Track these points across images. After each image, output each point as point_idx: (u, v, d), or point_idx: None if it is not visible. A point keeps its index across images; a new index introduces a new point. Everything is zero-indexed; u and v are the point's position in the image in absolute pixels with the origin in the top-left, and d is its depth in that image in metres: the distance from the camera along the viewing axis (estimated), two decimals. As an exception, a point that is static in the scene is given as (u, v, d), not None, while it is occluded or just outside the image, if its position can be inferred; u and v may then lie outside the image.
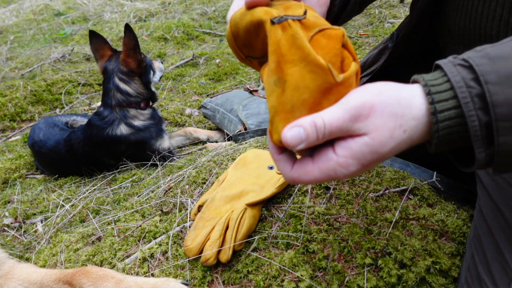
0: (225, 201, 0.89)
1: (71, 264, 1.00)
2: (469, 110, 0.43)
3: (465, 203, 0.93)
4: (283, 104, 0.47)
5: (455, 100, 0.44)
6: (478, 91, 0.43)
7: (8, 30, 4.28)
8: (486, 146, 0.44)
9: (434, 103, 0.44)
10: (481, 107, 0.43)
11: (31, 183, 1.84)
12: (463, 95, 0.43)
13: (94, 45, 1.73)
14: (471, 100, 0.43)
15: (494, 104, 0.42)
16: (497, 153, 0.44)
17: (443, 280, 0.75)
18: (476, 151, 0.44)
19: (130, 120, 1.68)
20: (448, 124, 0.45)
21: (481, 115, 0.43)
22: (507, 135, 0.42)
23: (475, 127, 0.43)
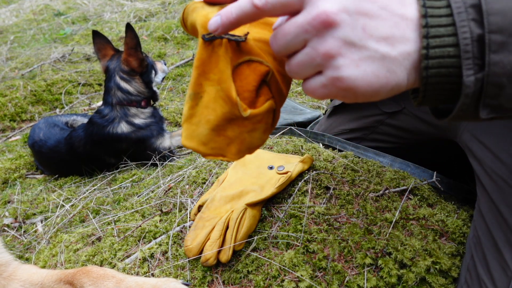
0: (225, 201, 0.89)
1: (71, 264, 1.00)
2: (461, 20, 0.39)
3: (465, 203, 0.93)
4: (191, 116, 0.48)
5: (448, 8, 0.40)
6: (473, 1, 0.39)
7: (8, 30, 4.28)
8: (477, 69, 0.39)
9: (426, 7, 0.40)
10: (474, 18, 0.39)
11: (31, 183, 1.84)
12: (457, 5, 0.39)
13: (97, 45, 1.74)
14: (465, 10, 0.39)
15: (489, 12, 0.38)
16: (487, 76, 0.39)
17: (443, 280, 0.75)
18: (464, 74, 0.39)
19: (130, 118, 1.69)
20: (439, 31, 0.40)
21: (474, 27, 0.39)
22: (499, 52, 0.38)
23: (466, 40, 0.39)
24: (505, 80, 0.39)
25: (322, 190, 0.94)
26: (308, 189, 0.94)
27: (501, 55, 0.38)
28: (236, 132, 0.48)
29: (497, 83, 0.39)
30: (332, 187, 0.93)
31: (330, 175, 0.97)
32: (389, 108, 1.06)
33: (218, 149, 0.49)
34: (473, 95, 0.40)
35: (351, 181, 0.95)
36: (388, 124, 1.08)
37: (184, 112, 0.48)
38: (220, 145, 0.48)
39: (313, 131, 1.21)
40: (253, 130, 0.48)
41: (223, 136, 0.48)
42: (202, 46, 0.46)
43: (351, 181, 0.95)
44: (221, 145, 0.48)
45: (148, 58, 1.80)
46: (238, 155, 0.50)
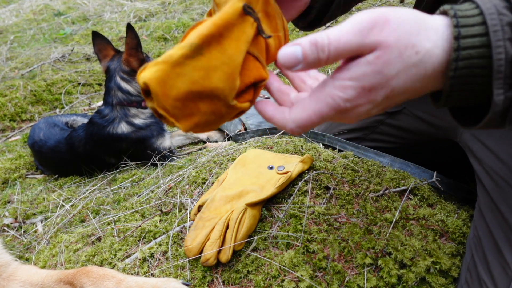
0: (225, 201, 0.89)
1: (71, 264, 1.00)
2: (497, 40, 0.38)
3: (465, 203, 0.93)
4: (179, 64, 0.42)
5: (483, 26, 0.39)
6: (510, 19, 0.38)
7: (8, 30, 4.28)
8: (507, 88, 0.39)
9: (458, 27, 0.39)
10: (511, 38, 0.38)
11: (31, 183, 1.84)
12: (493, 22, 0.38)
13: (97, 46, 1.75)
14: (501, 28, 0.38)
15: None
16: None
17: (443, 280, 0.75)
18: (495, 92, 0.39)
19: (131, 119, 1.69)
20: (470, 53, 0.39)
21: (510, 48, 0.38)
22: None
23: (500, 61, 0.38)
24: None
25: (322, 190, 0.94)
26: (308, 189, 0.94)
27: None
28: (208, 110, 0.44)
29: None
30: (332, 187, 0.93)
31: (330, 175, 0.97)
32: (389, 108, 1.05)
33: (178, 109, 0.43)
34: (502, 112, 0.40)
35: (351, 181, 0.95)
36: (388, 124, 1.08)
37: (171, 53, 0.41)
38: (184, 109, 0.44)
39: (313, 131, 1.21)
40: (221, 118, 0.46)
41: (194, 104, 0.43)
42: (235, 12, 0.42)
43: (351, 181, 0.95)
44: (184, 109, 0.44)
45: (150, 58, 1.80)
46: (190, 127, 0.46)
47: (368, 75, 0.40)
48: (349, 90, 0.41)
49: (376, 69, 0.40)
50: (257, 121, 1.64)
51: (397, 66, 0.40)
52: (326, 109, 0.42)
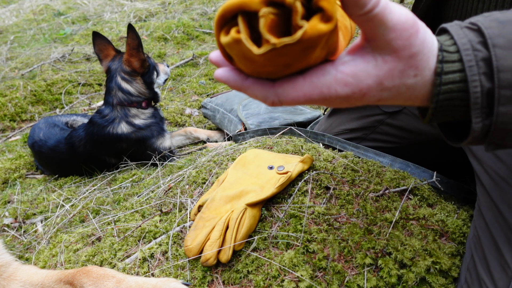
0: (225, 201, 0.89)
1: (71, 264, 1.00)
2: (472, 75, 0.40)
3: (465, 203, 0.93)
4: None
5: (460, 63, 0.41)
6: (484, 55, 0.40)
7: (8, 30, 4.28)
8: (485, 117, 0.42)
9: (442, 62, 0.42)
10: (485, 72, 0.40)
11: (31, 183, 1.84)
12: (468, 58, 0.41)
13: (98, 46, 1.75)
14: (476, 64, 0.40)
15: (499, 69, 0.40)
16: (494, 124, 0.41)
17: (443, 280, 0.75)
18: (474, 120, 0.42)
19: (131, 119, 1.69)
20: (451, 88, 0.42)
21: (484, 81, 0.40)
22: (507, 105, 0.40)
23: (476, 94, 0.41)
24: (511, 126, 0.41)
25: (322, 190, 0.94)
26: (308, 189, 0.94)
27: (509, 107, 0.40)
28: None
29: (503, 129, 0.42)
30: (332, 187, 0.93)
31: (330, 175, 0.97)
32: (389, 108, 1.06)
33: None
34: (480, 137, 0.43)
35: (351, 181, 0.95)
36: (388, 124, 1.08)
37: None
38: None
39: (313, 131, 1.21)
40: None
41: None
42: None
43: (351, 181, 0.95)
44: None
45: (150, 59, 1.81)
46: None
47: (369, 78, 0.41)
48: (346, 87, 0.41)
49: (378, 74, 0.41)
50: (257, 121, 1.64)
51: (395, 81, 0.42)
52: (316, 96, 0.42)
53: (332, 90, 0.41)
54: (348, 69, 0.41)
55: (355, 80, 0.41)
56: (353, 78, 0.41)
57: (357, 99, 0.43)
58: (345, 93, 0.41)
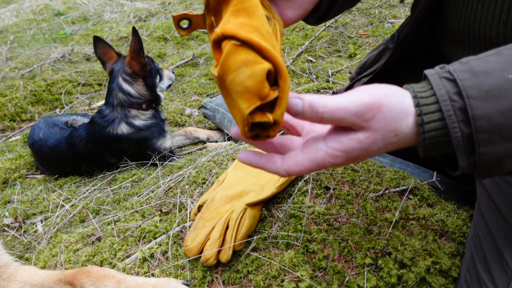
0: (225, 201, 0.89)
1: (71, 265, 1.00)
2: (452, 122, 0.46)
3: (465, 203, 0.93)
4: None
5: (440, 113, 0.46)
6: (460, 105, 0.45)
7: (8, 30, 4.28)
8: (468, 155, 0.47)
9: (422, 115, 0.47)
10: (463, 120, 0.46)
11: (31, 183, 1.84)
12: (446, 108, 0.46)
13: (100, 50, 1.79)
14: (454, 113, 0.46)
15: (475, 118, 0.45)
16: (478, 161, 0.47)
17: (443, 280, 0.75)
18: (459, 159, 0.47)
19: (131, 120, 1.70)
20: (434, 134, 0.47)
21: (463, 127, 0.46)
22: (486, 146, 0.45)
23: (457, 138, 0.46)
24: (493, 163, 0.47)
25: (322, 190, 0.94)
26: (308, 189, 0.94)
27: (488, 147, 0.46)
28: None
29: (486, 165, 0.47)
30: (332, 187, 0.93)
31: (330, 175, 0.97)
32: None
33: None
34: (468, 170, 0.49)
35: (351, 181, 0.95)
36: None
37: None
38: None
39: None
40: None
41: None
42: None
43: (351, 181, 0.95)
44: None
45: (154, 63, 1.83)
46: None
47: (356, 150, 0.49)
48: (339, 159, 0.49)
49: (364, 147, 0.48)
50: (257, 121, 1.64)
51: (380, 144, 0.49)
52: (315, 167, 0.51)
53: (327, 162, 0.50)
54: (337, 146, 0.49)
55: (345, 154, 0.49)
56: (343, 152, 0.49)
57: (352, 161, 0.50)
58: (339, 162, 0.50)
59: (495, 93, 0.45)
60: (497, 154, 0.46)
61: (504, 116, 0.44)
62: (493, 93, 0.45)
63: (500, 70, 0.45)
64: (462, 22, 0.76)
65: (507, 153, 0.46)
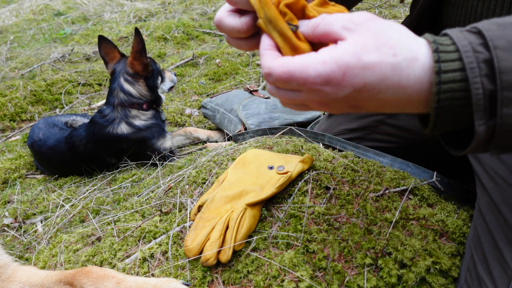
0: (225, 201, 0.89)
1: (71, 265, 1.00)
2: (474, 76, 0.40)
3: (465, 203, 0.93)
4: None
5: (461, 62, 0.41)
6: (485, 57, 0.40)
7: (8, 30, 4.28)
8: (488, 118, 0.41)
9: (439, 62, 0.42)
10: (487, 74, 0.40)
11: (31, 183, 1.84)
12: (469, 59, 0.41)
13: (104, 49, 1.79)
14: (477, 65, 0.40)
15: (502, 71, 0.39)
16: (498, 126, 0.41)
17: (443, 280, 0.75)
18: (476, 123, 0.42)
19: (131, 120, 1.71)
20: (451, 87, 0.42)
21: (486, 83, 0.40)
22: (510, 106, 0.40)
23: (478, 95, 0.40)
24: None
25: (322, 190, 0.94)
26: (308, 189, 0.94)
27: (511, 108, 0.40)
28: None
29: (507, 131, 0.41)
30: (332, 187, 0.93)
31: (330, 175, 0.97)
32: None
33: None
34: (484, 140, 0.43)
35: (351, 181, 0.95)
36: (388, 123, 1.08)
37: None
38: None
39: (313, 131, 1.21)
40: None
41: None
42: None
43: (351, 181, 0.95)
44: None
45: (156, 64, 1.84)
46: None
47: (346, 56, 0.43)
48: (326, 65, 0.44)
49: (354, 52, 0.43)
50: (257, 121, 1.64)
51: (373, 57, 0.42)
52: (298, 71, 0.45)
53: (312, 68, 0.44)
54: (327, 51, 0.45)
55: (333, 58, 0.43)
56: (331, 56, 0.44)
57: (339, 80, 0.44)
58: (325, 72, 0.44)
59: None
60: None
61: None
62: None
63: None
64: (462, 20, 0.76)
65: None
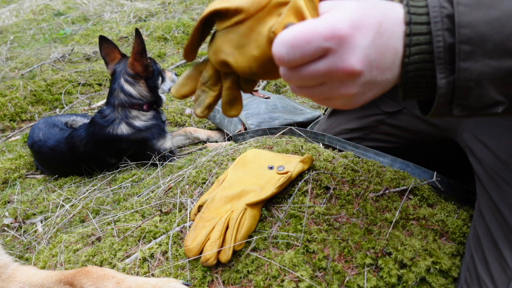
0: (225, 201, 0.89)
1: (71, 265, 1.00)
2: (436, 30, 0.44)
3: (465, 203, 0.93)
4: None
5: (427, 16, 0.44)
6: (448, 12, 0.44)
7: (8, 30, 4.28)
8: (448, 73, 0.44)
9: (410, 14, 0.45)
10: (448, 28, 0.43)
11: (31, 183, 1.84)
12: (434, 14, 0.44)
13: (105, 50, 1.79)
14: (441, 20, 0.44)
15: (460, 25, 0.43)
16: (456, 81, 0.44)
17: (443, 280, 0.75)
18: (438, 77, 0.45)
19: (131, 120, 1.71)
20: (419, 39, 0.45)
21: (447, 36, 0.43)
22: (467, 60, 0.43)
23: (439, 48, 0.44)
24: (472, 84, 0.44)
25: (322, 190, 0.94)
26: (308, 189, 0.94)
27: (468, 63, 0.43)
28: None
29: (465, 86, 0.44)
30: (332, 187, 0.93)
31: (330, 175, 0.97)
32: (389, 108, 1.05)
33: None
34: (446, 95, 0.46)
35: (351, 181, 0.95)
36: (388, 123, 1.08)
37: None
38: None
39: (313, 131, 1.21)
40: None
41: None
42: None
43: (351, 181, 0.95)
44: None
45: (156, 65, 1.84)
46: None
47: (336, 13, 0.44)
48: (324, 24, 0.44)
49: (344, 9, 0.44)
50: (257, 121, 1.64)
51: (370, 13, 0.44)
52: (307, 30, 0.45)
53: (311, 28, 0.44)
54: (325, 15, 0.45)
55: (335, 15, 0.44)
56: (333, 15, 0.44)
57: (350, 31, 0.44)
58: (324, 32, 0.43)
59: (486, 2, 0.43)
60: (477, 73, 0.43)
61: (491, 26, 0.42)
62: (484, 1, 0.43)
63: None
64: None
65: (489, 73, 0.43)
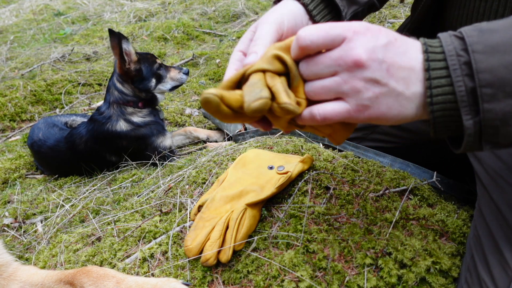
0: (225, 201, 0.89)
1: (71, 265, 1.00)
2: (456, 76, 0.47)
3: (465, 203, 0.93)
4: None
5: (445, 62, 0.48)
6: (466, 59, 0.47)
7: (8, 30, 4.28)
8: (474, 114, 0.47)
9: (429, 61, 0.48)
10: (467, 74, 0.46)
11: (31, 183, 1.84)
12: (452, 62, 0.47)
13: (112, 43, 1.76)
14: (459, 67, 0.47)
15: (478, 71, 0.46)
16: (483, 120, 0.47)
17: (443, 280, 0.75)
18: (464, 118, 0.47)
19: (128, 117, 1.71)
20: (440, 82, 0.48)
21: (467, 81, 0.46)
22: (490, 102, 0.46)
23: (461, 92, 0.47)
24: (499, 123, 0.47)
25: (322, 190, 0.94)
26: (308, 189, 0.94)
27: (492, 104, 0.46)
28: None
29: (492, 125, 0.47)
30: (332, 187, 0.93)
31: (330, 175, 0.97)
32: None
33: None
34: (474, 135, 0.48)
35: (351, 181, 0.95)
36: (388, 124, 1.08)
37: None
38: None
39: (313, 131, 1.21)
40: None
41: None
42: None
43: (351, 181, 0.95)
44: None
45: (150, 66, 1.77)
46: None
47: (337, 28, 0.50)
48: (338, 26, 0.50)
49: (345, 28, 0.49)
50: (257, 121, 1.64)
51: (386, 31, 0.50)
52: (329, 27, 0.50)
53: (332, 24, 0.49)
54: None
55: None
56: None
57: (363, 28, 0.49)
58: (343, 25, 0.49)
59: (499, 48, 0.46)
60: (502, 112, 0.46)
61: (508, 70, 0.45)
62: (498, 48, 0.46)
63: (506, 28, 0.47)
64: (464, 20, 0.76)
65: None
